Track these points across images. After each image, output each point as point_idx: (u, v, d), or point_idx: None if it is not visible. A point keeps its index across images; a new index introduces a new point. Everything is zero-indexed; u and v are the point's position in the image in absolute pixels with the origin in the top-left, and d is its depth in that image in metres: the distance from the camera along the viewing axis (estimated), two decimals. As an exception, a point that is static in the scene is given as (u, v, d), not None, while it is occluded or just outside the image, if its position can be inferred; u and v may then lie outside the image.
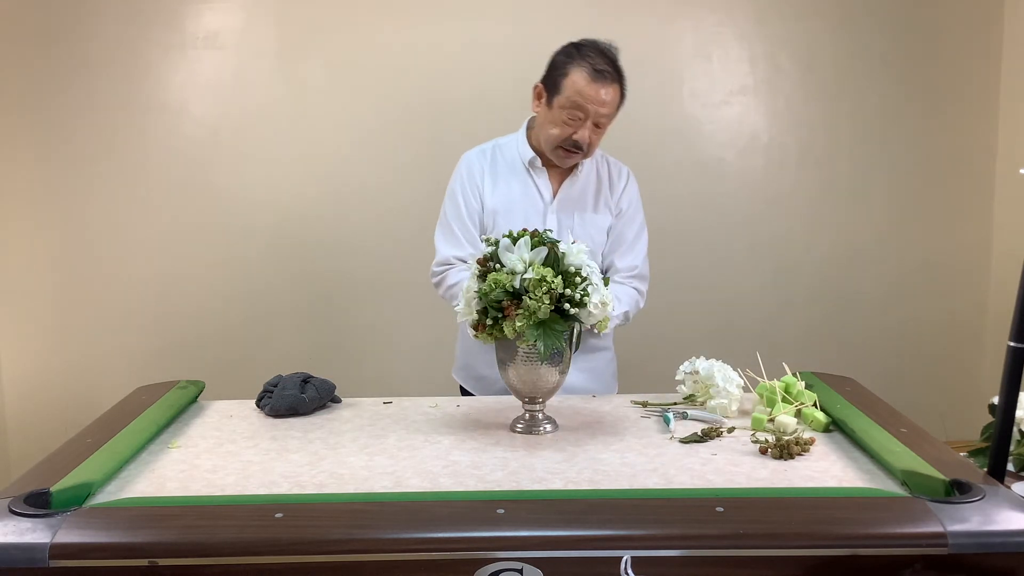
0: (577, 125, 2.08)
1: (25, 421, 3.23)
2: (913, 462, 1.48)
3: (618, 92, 2.10)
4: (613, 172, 2.27)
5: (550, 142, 2.12)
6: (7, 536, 1.26)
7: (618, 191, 2.26)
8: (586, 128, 2.08)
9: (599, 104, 2.06)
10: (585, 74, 2.05)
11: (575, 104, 2.06)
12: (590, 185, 2.24)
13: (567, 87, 2.06)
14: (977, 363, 3.26)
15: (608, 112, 2.09)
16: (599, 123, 2.10)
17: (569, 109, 2.07)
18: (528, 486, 1.47)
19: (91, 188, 3.16)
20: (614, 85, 2.08)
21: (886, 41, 3.17)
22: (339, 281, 3.23)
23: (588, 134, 2.09)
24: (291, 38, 3.14)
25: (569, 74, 2.07)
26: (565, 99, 2.07)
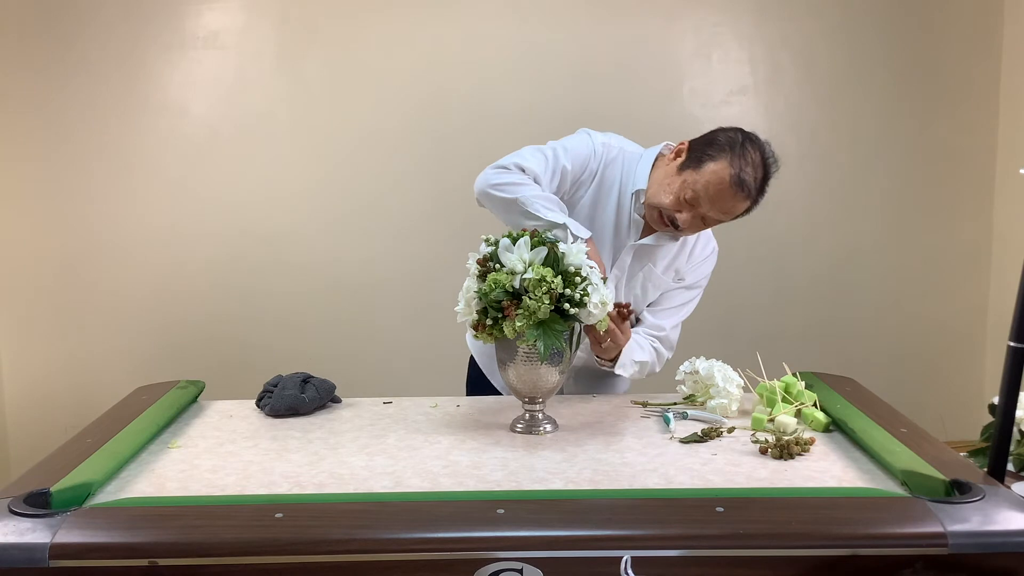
0: (687, 208, 1.91)
1: (25, 421, 3.23)
2: (913, 462, 1.48)
3: (746, 208, 1.93)
4: (700, 244, 2.12)
5: (654, 202, 1.94)
6: (7, 536, 1.26)
7: (694, 263, 2.12)
8: (692, 215, 1.91)
9: (719, 210, 1.90)
10: (728, 175, 1.86)
11: (698, 194, 1.88)
12: (673, 248, 2.07)
13: (705, 172, 1.88)
14: (977, 363, 3.26)
15: (720, 219, 1.94)
16: (706, 221, 1.95)
17: (690, 192, 1.89)
18: (528, 486, 1.47)
19: (91, 188, 3.16)
20: (746, 202, 1.90)
21: (886, 41, 3.17)
22: (339, 281, 3.23)
23: (689, 222, 1.92)
24: (291, 38, 3.14)
25: (717, 161, 1.87)
26: (694, 180, 1.88)
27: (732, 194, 1.87)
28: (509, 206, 1.90)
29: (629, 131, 3.24)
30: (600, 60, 3.16)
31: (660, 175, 1.98)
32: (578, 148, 2.02)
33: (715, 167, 1.87)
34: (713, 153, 1.89)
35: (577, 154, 2.01)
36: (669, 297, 2.13)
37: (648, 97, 3.18)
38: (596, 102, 3.15)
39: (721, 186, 1.87)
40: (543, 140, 2.49)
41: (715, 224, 1.98)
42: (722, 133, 1.94)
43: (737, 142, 1.90)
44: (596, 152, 2.03)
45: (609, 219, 2.03)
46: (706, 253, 2.14)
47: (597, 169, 2.02)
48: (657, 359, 2.09)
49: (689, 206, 1.91)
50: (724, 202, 1.89)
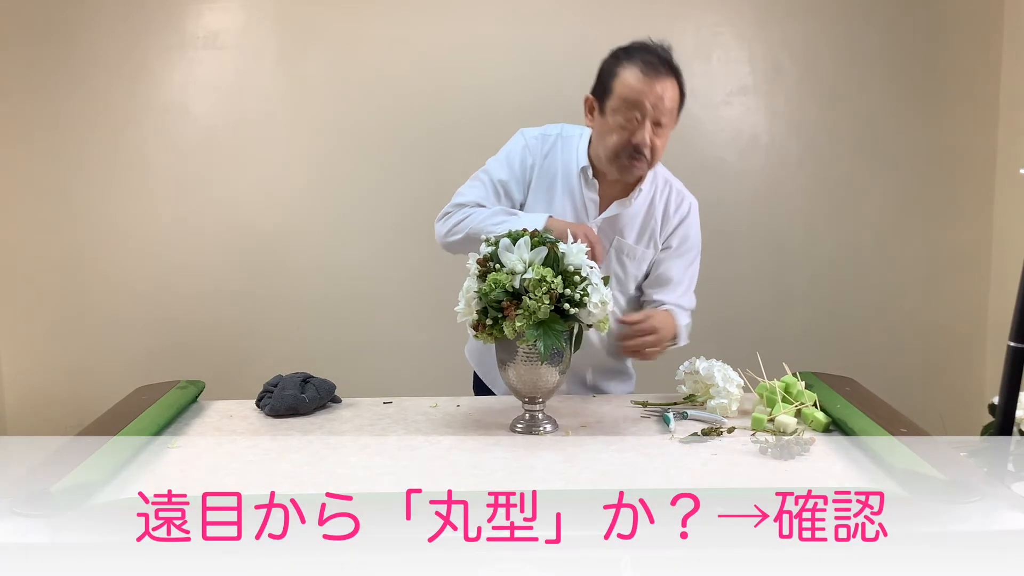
0: (635, 127, 1.89)
1: (25, 421, 3.23)
2: (913, 462, 1.48)
3: (675, 89, 1.91)
4: (672, 204, 2.08)
5: (609, 152, 1.93)
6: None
7: (671, 225, 2.08)
8: (645, 129, 1.89)
9: (655, 98, 1.87)
10: (636, 69, 1.88)
11: (630, 103, 1.87)
12: (639, 215, 2.05)
13: (617, 88, 1.89)
14: (977, 363, 3.26)
15: (669, 108, 1.89)
16: (659, 121, 1.90)
17: (624, 111, 1.89)
18: (528, 486, 1.47)
19: (91, 187, 3.16)
20: (670, 79, 1.89)
21: (886, 41, 3.17)
22: (339, 281, 3.23)
23: (649, 135, 1.89)
24: (291, 38, 3.14)
25: (619, 74, 1.90)
26: (618, 100, 1.89)
27: (652, 80, 1.87)
28: (469, 243, 1.92)
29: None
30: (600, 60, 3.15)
31: (595, 136, 1.99)
32: (510, 154, 2.05)
33: (621, 77, 1.89)
34: (610, 73, 1.92)
35: (509, 160, 2.04)
36: (667, 270, 2.09)
37: (648, 97, 3.18)
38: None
39: (638, 82, 1.88)
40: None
41: (668, 123, 1.92)
42: (605, 62, 1.97)
43: (620, 53, 1.94)
44: (529, 148, 2.05)
45: (565, 205, 2.03)
46: (683, 212, 2.10)
47: (535, 163, 2.03)
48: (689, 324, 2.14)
49: (632, 123, 1.89)
50: (652, 90, 1.87)
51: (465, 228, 1.96)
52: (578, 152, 2.03)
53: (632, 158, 1.92)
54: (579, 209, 2.03)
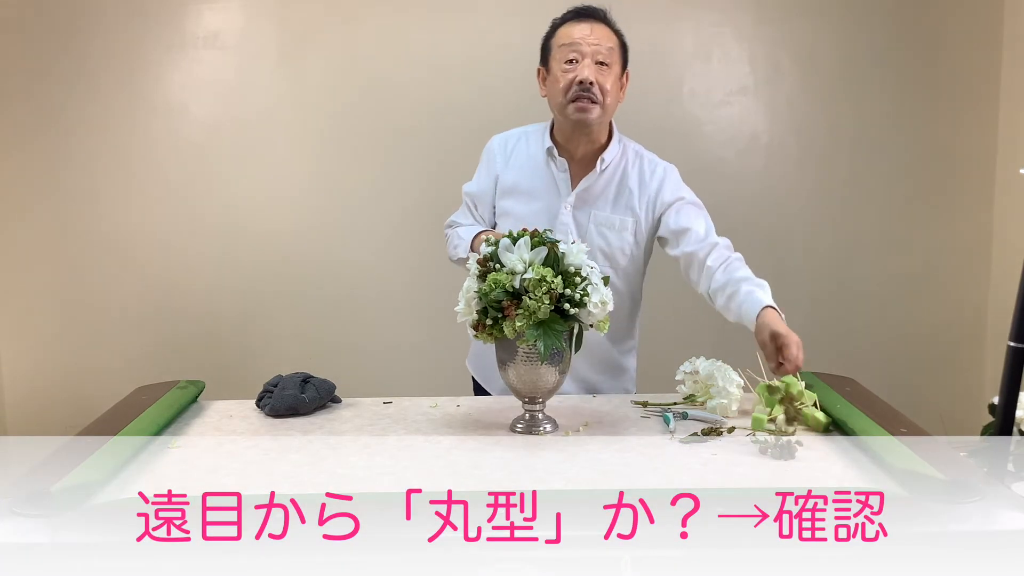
0: (575, 66, 1.98)
1: (25, 421, 3.23)
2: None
3: (608, 29, 2.02)
4: (646, 171, 2.13)
5: (560, 100, 2.01)
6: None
7: (651, 192, 2.11)
8: (585, 66, 1.97)
9: (590, 39, 1.98)
10: (569, 21, 2.03)
11: (566, 47, 1.99)
12: (612, 186, 2.11)
13: (555, 42, 2.04)
14: (977, 363, 3.26)
15: (606, 46, 1.99)
16: (600, 60, 1.98)
17: (564, 56, 2.00)
18: (528, 486, 1.47)
19: (91, 187, 3.16)
20: (601, 23, 2.02)
21: (886, 41, 3.17)
22: (339, 281, 3.23)
23: (591, 71, 1.97)
24: (291, 38, 3.14)
25: (555, 33, 2.05)
26: (557, 51, 2.02)
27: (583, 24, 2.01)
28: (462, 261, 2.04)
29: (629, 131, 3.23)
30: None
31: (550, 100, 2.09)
32: (480, 166, 2.22)
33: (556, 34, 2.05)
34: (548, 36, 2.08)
35: (478, 174, 2.21)
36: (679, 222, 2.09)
37: (648, 97, 3.18)
38: (596, 102, 3.15)
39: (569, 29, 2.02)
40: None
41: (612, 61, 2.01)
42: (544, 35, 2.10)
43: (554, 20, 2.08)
44: (494, 153, 2.18)
45: (539, 188, 2.13)
46: (659, 175, 2.14)
47: (501, 166, 2.16)
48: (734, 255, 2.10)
49: (572, 65, 1.99)
50: (584, 33, 1.99)
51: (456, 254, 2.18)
52: (543, 139, 2.13)
53: (581, 98, 1.99)
54: (552, 189, 2.12)
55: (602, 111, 2.02)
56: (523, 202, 2.13)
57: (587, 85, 1.97)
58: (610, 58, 2.00)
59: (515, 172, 2.15)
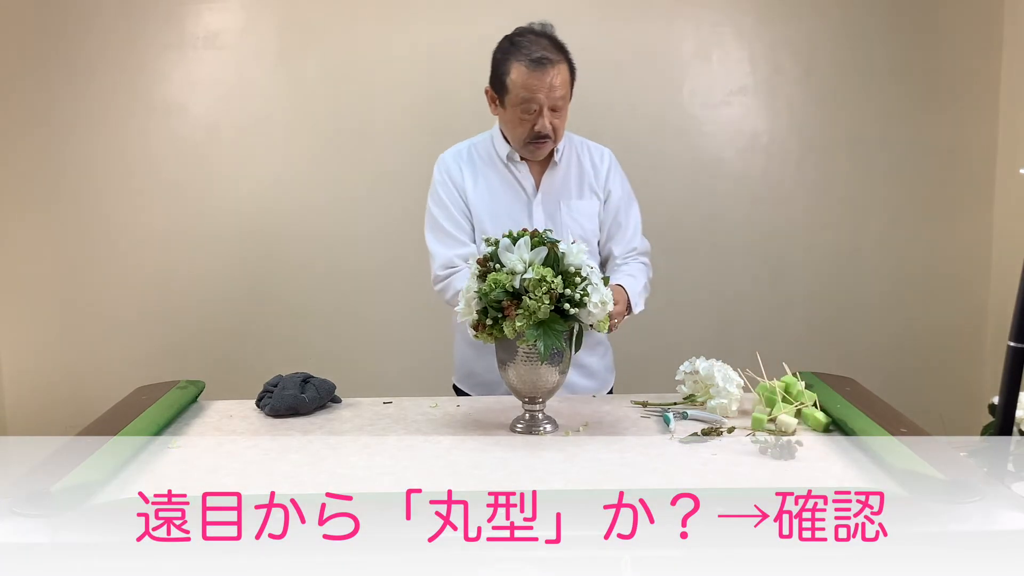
0: (534, 117, 2.06)
1: (25, 421, 3.23)
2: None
3: (564, 71, 2.07)
4: (595, 156, 2.24)
5: (517, 141, 2.12)
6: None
7: (603, 175, 2.23)
8: (544, 117, 2.06)
9: (547, 90, 2.04)
10: (523, 67, 2.04)
11: (525, 99, 2.04)
12: (571, 172, 2.21)
13: (512, 85, 2.06)
14: (977, 363, 3.26)
15: (560, 95, 2.06)
16: (555, 107, 2.07)
17: (521, 105, 2.05)
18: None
19: (91, 187, 3.16)
20: (557, 66, 2.05)
21: (886, 41, 3.17)
22: (339, 281, 3.23)
23: (548, 122, 2.06)
24: (291, 38, 3.14)
25: (510, 72, 2.06)
26: (515, 97, 2.06)
27: (541, 74, 2.03)
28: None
29: (629, 131, 3.25)
30: (600, 60, 3.16)
31: (502, 124, 2.17)
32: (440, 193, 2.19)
33: (512, 76, 2.05)
34: (502, 69, 2.08)
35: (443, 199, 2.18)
36: (615, 221, 2.23)
37: (648, 97, 3.18)
38: (596, 102, 3.15)
39: (529, 78, 2.03)
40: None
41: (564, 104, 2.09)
42: (496, 53, 2.13)
43: (507, 46, 2.10)
44: (451, 172, 2.20)
45: (508, 192, 2.19)
46: (607, 159, 2.26)
47: (462, 180, 2.18)
48: (647, 268, 2.27)
49: (532, 113, 2.06)
50: (543, 84, 2.03)
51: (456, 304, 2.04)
52: (495, 145, 2.20)
53: (537, 142, 2.10)
54: (518, 190, 2.19)
55: (554, 144, 2.15)
56: (495, 211, 2.17)
57: (545, 135, 2.08)
58: (563, 101, 2.09)
59: (480, 184, 2.18)
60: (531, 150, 2.12)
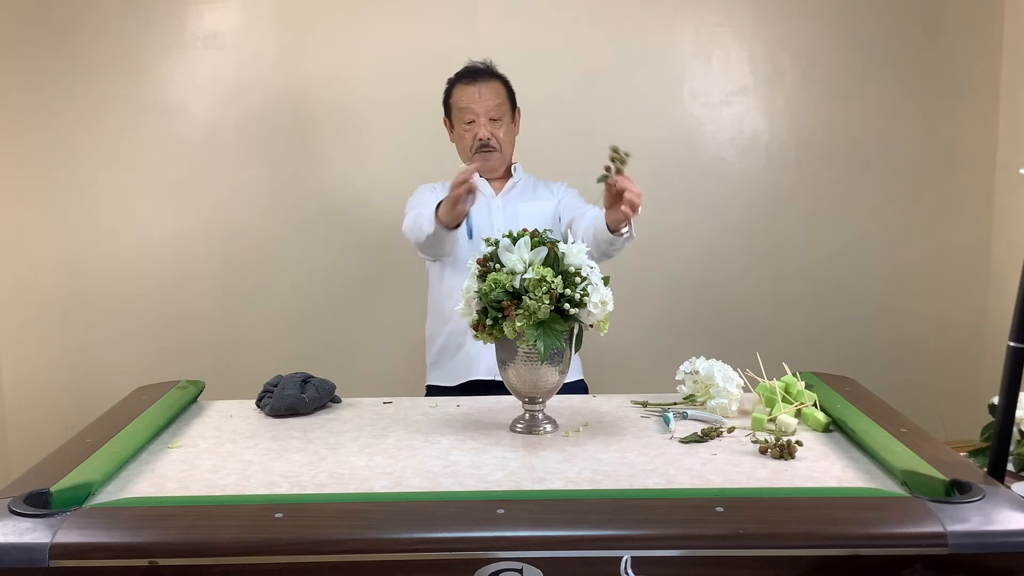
0: (475, 127, 2.35)
1: (25, 421, 3.23)
2: (913, 462, 1.48)
3: (498, 87, 2.39)
4: (552, 185, 2.51)
5: (466, 153, 2.39)
6: (7, 536, 1.26)
7: (558, 190, 2.49)
8: (481, 126, 2.35)
9: (479, 99, 2.35)
10: (461, 84, 2.39)
11: (463, 110, 2.36)
12: (528, 187, 2.48)
13: (454, 103, 2.40)
14: (977, 363, 3.26)
15: (495, 104, 2.36)
16: (492, 116, 2.36)
17: (462, 117, 2.37)
18: (528, 486, 1.47)
19: (90, 187, 3.16)
20: (489, 81, 2.38)
21: (886, 41, 3.17)
22: (339, 281, 3.23)
23: (486, 130, 2.35)
24: (291, 38, 3.14)
25: (452, 93, 2.41)
26: (456, 112, 2.39)
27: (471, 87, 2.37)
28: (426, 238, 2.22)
29: (629, 131, 3.25)
30: (600, 60, 3.16)
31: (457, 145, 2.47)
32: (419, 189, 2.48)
33: (453, 94, 2.41)
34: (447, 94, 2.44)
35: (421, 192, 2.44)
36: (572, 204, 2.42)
37: (648, 97, 3.18)
38: (596, 102, 3.15)
39: (462, 93, 2.38)
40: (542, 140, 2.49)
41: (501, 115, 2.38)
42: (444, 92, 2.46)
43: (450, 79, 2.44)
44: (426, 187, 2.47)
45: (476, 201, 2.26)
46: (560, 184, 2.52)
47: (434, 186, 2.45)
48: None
49: (472, 125, 2.36)
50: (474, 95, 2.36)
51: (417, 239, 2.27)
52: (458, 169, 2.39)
53: (483, 149, 2.37)
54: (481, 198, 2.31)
55: (500, 154, 2.40)
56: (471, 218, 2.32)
57: (485, 141, 2.36)
58: (500, 111, 2.38)
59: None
60: (480, 160, 2.34)
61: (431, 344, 2.53)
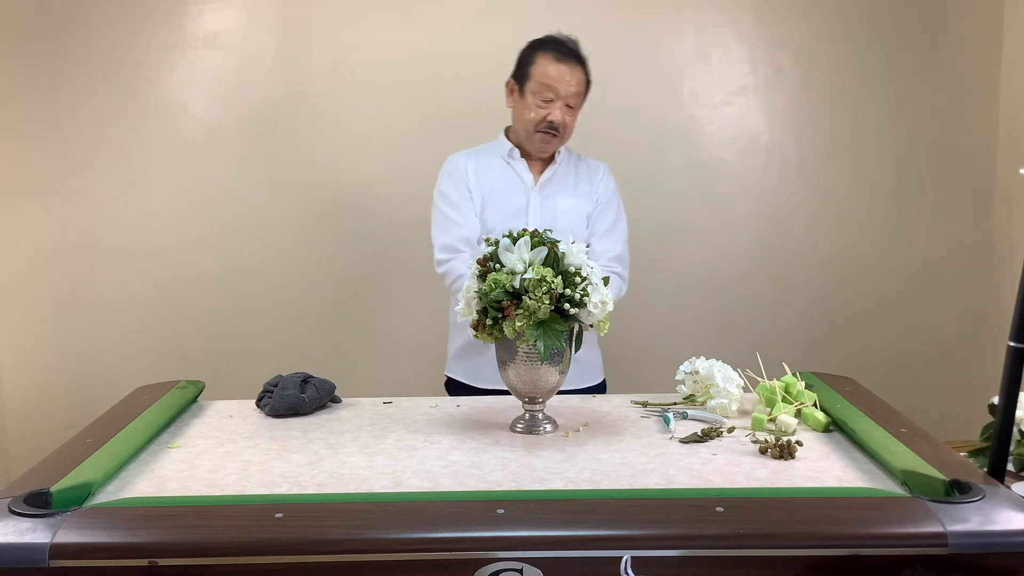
0: (550, 106, 2.22)
1: (25, 421, 3.23)
2: (913, 462, 1.48)
3: (583, 74, 2.26)
4: (592, 168, 2.40)
5: (528, 127, 2.25)
6: (7, 536, 1.26)
7: (596, 182, 2.37)
8: (558, 108, 2.23)
9: (566, 83, 2.22)
10: (550, 57, 2.22)
11: (545, 86, 2.21)
12: (568, 175, 2.36)
13: (535, 73, 2.23)
14: (977, 363, 3.26)
15: (576, 91, 2.24)
16: (570, 103, 2.24)
17: (540, 92, 2.22)
18: (528, 486, 1.47)
19: (91, 187, 3.16)
20: (579, 67, 2.25)
21: (886, 41, 3.17)
22: (339, 281, 3.23)
23: (561, 114, 2.23)
24: (291, 38, 3.14)
25: (536, 61, 2.24)
26: (535, 84, 2.23)
27: (564, 67, 2.22)
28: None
29: (630, 131, 3.25)
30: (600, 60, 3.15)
31: (515, 116, 2.32)
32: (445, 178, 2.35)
33: (537, 63, 2.24)
34: (529, 60, 2.26)
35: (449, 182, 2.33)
36: (599, 222, 2.34)
37: (648, 97, 3.18)
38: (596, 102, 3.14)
39: (552, 68, 2.22)
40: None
41: (577, 103, 2.27)
42: (522, 51, 2.30)
43: (536, 44, 2.28)
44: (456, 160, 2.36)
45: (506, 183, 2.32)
46: (601, 170, 2.41)
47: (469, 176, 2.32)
48: (622, 282, 2.32)
49: (548, 103, 2.23)
50: (564, 76, 2.22)
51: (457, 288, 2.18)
52: (498, 147, 2.36)
53: (547, 132, 2.25)
54: (518, 184, 2.32)
55: (560, 142, 2.30)
56: (494, 202, 2.30)
57: (556, 125, 2.24)
58: (577, 100, 2.28)
59: (484, 183, 2.32)
60: (539, 140, 2.26)
61: (456, 334, 2.42)
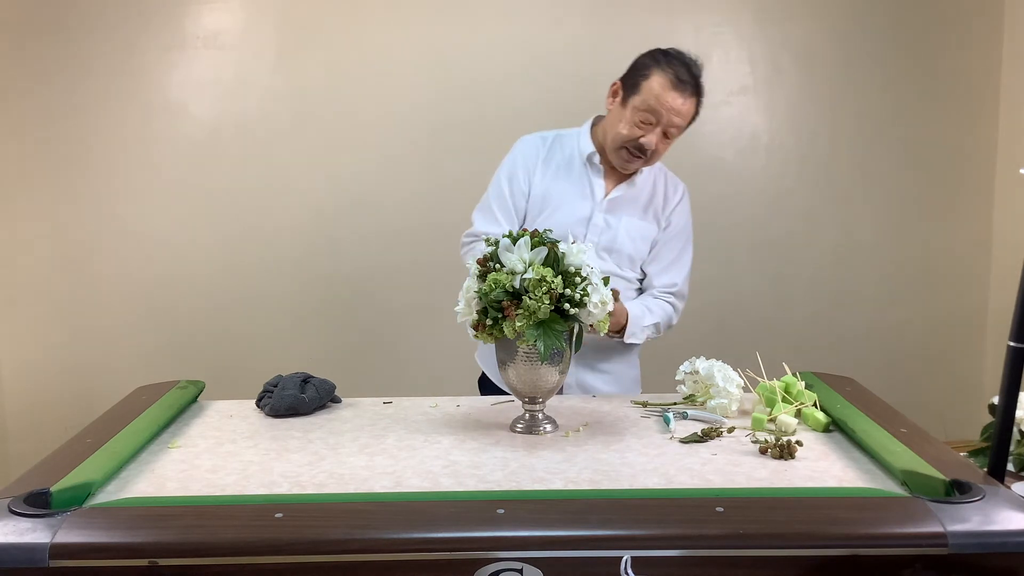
0: (647, 129, 2.05)
1: (25, 421, 3.23)
2: (913, 462, 1.48)
3: (694, 106, 2.09)
4: (669, 186, 2.24)
5: (616, 141, 2.09)
6: (7, 536, 1.26)
7: (671, 205, 2.22)
8: (655, 134, 2.06)
9: (674, 112, 2.04)
10: (667, 80, 2.03)
11: (650, 107, 2.04)
12: (643, 193, 2.20)
13: (646, 89, 2.04)
14: (977, 363, 3.26)
15: (680, 123, 2.07)
16: (668, 133, 2.07)
17: (643, 111, 2.04)
18: (528, 486, 1.47)
19: (91, 187, 3.16)
20: (693, 99, 2.07)
21: (886, 41, 3.17)
22: (339, 281, 3.23)
23: (656, 140, 2.06)
24: (291, 38, 3.14)
25: (651, 77, 2.05)
26: (641, 100, 2.04)
27: (677, 95, 2.04)
28: None
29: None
30: (600, 60, 3.15)
31: (609, 120, 2.14)
32: (509, 169, 2.19)
33: (652, 81, 2.04)
34: (645, 72, 2.06)
35: (509, 175, 2.18)
36: (663, 251, 2.22)
37: (648, 97, 3.18)
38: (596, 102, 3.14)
39: (665, 92, 2.03)
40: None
41: (676, 134, 2.09)
42: (642, 57, 2.10)
43: (658, 55, 2.08)
44: (527, 155, 2.19)
45: (572, 191, 2.17)
46: (679, 193, 2.25)
47: (535, 166, 2.18)
48: (674, 313, 2.22)
49: (647, 125, 2.05)
50: (674, 104, 2.03)
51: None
52: (580, 144, 2.19)
53: (633, 154, 2.09)
54: (586, 193, 2.17)
55: (644, 164, 2.14)
56: (556, 206, 2.16)
57: (646, 149, 2.07)
58: (679, 132, 2.10)
59: (551, 176, 2.18)
60: (623, 157, 2.10)
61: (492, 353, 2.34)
